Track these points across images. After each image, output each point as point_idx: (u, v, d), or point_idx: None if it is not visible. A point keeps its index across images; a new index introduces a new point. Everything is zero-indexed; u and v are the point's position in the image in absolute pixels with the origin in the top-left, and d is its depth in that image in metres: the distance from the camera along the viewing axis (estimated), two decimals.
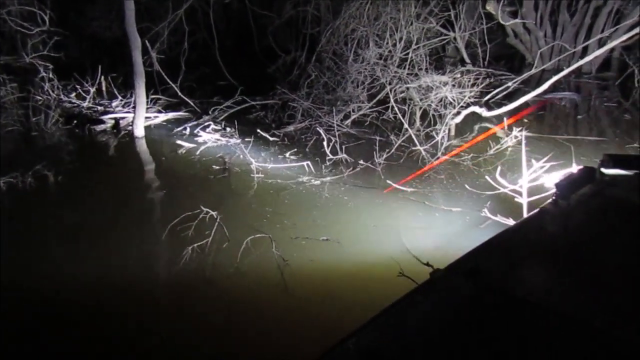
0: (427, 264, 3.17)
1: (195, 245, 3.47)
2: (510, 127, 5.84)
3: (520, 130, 5.45)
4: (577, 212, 2.19)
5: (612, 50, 9.45)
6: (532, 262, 1.88)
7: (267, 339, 2.72)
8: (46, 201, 4.52)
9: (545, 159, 3.98)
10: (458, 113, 6.18)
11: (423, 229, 3.85)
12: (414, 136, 5.52)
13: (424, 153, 5.28)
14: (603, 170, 2.40)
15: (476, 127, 6.39)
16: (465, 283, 1.70)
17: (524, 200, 3.70)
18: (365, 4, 7.28)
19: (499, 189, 4.06)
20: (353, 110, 6.47)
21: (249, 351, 2.64)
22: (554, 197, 2.23)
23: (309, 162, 5.05)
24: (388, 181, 4.60)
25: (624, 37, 6.32)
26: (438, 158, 5.20)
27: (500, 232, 2.08)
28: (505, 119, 6.22)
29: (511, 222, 3.70)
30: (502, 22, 7.73)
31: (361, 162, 5.13)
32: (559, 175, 3.87)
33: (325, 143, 5.37)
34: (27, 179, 4.65)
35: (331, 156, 5.24)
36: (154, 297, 3.14)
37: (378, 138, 5.56)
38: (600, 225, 2.12)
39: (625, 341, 1.46)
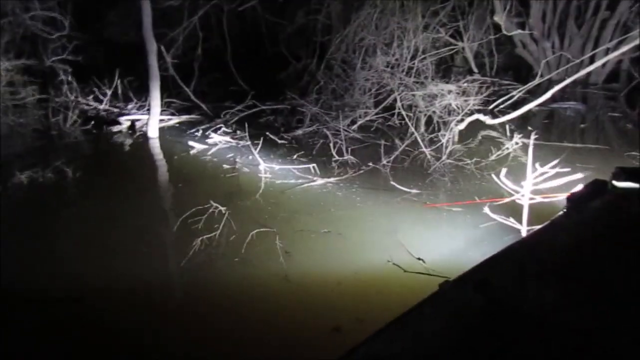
0: (419, 259, 3.39)
1: (205, 237, 3.67)
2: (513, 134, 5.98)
3: (522, 137, 5.61)
4: (589, 225, 2.16)
5: (620, 62, 9.58)
6: (543, 277, 1.84)
7: (267, 322, 2.90)
8: (65, 194, 4.80)
9: (552, 164, 4.04)
10: (462, 120, 6.35)
11: (421, 226, 4.01)
12: (419, 140, 5.71)
13: (429, 156, 5.47)
14: (615, 183, 2.38)
15: (479, 134, 6.54)
16: (475, 295, 1.68)
17: (525, 202, 3.83)
18: (374, 13, 7.49)
19: (501, 195, 4.21)
20: (360, 116, 6.66)
21: (249, 333, 2.82)
22: (565, 210, 2.23)
23: (314, 165, 5.24)
24: (404, 189, 4.77)
25: (624, 49, 6.45)
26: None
27: (510, 245, 2.07)
28: (507, 126, 6.39)
29: (511, 221, 3.83)
30: (505, 32, 7.89)
31: (369, 164, 5.33)
32: (560, 180, 3.99)
33: (332, 144, 5.58)
34: (48, 174, 4.92)
35: (337, 157, 5.45)
36: (165, 282, 3.34)
37: (383, 142, 5.74)
38: (611, 240, 2.08)
39: (635, 358, 1.44)
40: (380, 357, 1.45)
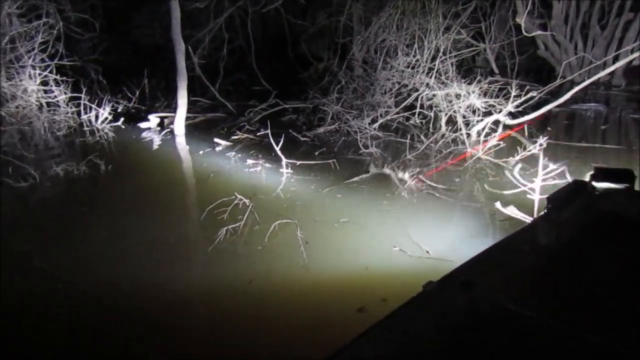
0: (427, 252, 3.57)
1: (230, 226, 3.86)
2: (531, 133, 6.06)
3: (542, 137, 5.67)
4: (569, 225, 2.19)
5: None
6: (525, 277, 1.88)
7: (282, 306, 3.09)
8: (98, 185, 5.11)
9: (561, 162, 4.22)
10: (482, 120, 6.43)
11: (434, 221, 4.15)
12: (466, 139, 5.90)
13: (469, 149, 5.67)
14: (594, 183, 2.42)
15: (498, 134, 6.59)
16: (460, 295, 1.71)
17: (536, 197, 3.97)
18: (395, 14, 7.61)
19: (516, 190, 4.33)
20: (381, 115, 6.79)
21: (275, 315, 3.00)
22: (545, 211, 2.24)
23: (334, 160, 5.40)
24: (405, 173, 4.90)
25: None
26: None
27: (492, 245, 2.11)
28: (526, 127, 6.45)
29: (523, 215, 3.96)
30: (526, 33, 7.90)
31: (391, 160, 5.49)
32: (572, 176, 4.12)
33: (359, 137, 5.92)
34: (81, 167, 5.19)
35: (363, 150, 5.74)
36: (191, 267, 3.55)
37: (408, 141, 5.92)
38: (591, 239, 2.13)
39: (618, 354, 1.46)
40: (365, 359, 1.47)
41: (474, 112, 6.50)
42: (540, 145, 5.60)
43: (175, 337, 2.83)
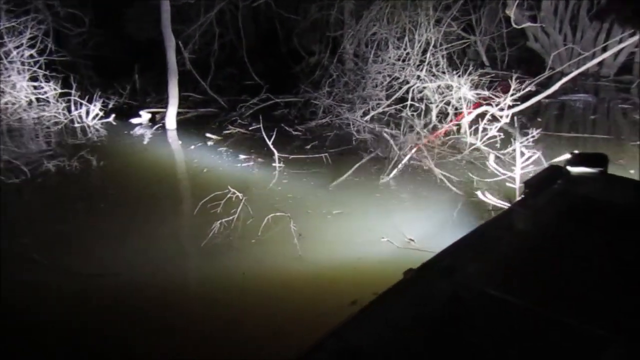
0: (411, 240, 3.65)
1: (223, 220, 3.87)
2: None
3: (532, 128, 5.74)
4: (546, 210, 2.24)
5: (632, 54, 9.59)
6: (504, 261, 1.92)
7: (275, 299, 3.13)
8: (90, 180, 5.12)
9: (536, 149, 4.37)
10: (471, 112, 6.49)
11: (422, 211, 4.23)
12: (467, 129, 5.97)
13: (469, 141, 5.73)
14: (569, 168, 2.49)
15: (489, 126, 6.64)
16: (441, 281, 1.74)
17: (516, 185, 4.07)
18: (386, 7, 7.63)
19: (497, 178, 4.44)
20: (372, 108, 6.82)
21: (259, 308, 3.05)
22: (523, 196, 2.31)
23: (327, 154, 5.43)
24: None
25: (631, 41, 6.52)
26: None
27: (471, 231, 2.15)
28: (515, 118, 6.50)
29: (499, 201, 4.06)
30: (515, 25, 7.95)
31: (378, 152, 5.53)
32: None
33: (351, 125, 6.12)
34: (73, 163, 5.18)
35: (356, 136, 5.91)
36: (185, 261, 3.57)
37: (401, 132, 5.97)
38: (567, 223, 2.18)
39: (596, 337, 1.50)
40: (349, 347, 1.48)
41: (464, 104, 6.54)
42: (532, 136, 5.71)
43: (169, 332, 2.85)
